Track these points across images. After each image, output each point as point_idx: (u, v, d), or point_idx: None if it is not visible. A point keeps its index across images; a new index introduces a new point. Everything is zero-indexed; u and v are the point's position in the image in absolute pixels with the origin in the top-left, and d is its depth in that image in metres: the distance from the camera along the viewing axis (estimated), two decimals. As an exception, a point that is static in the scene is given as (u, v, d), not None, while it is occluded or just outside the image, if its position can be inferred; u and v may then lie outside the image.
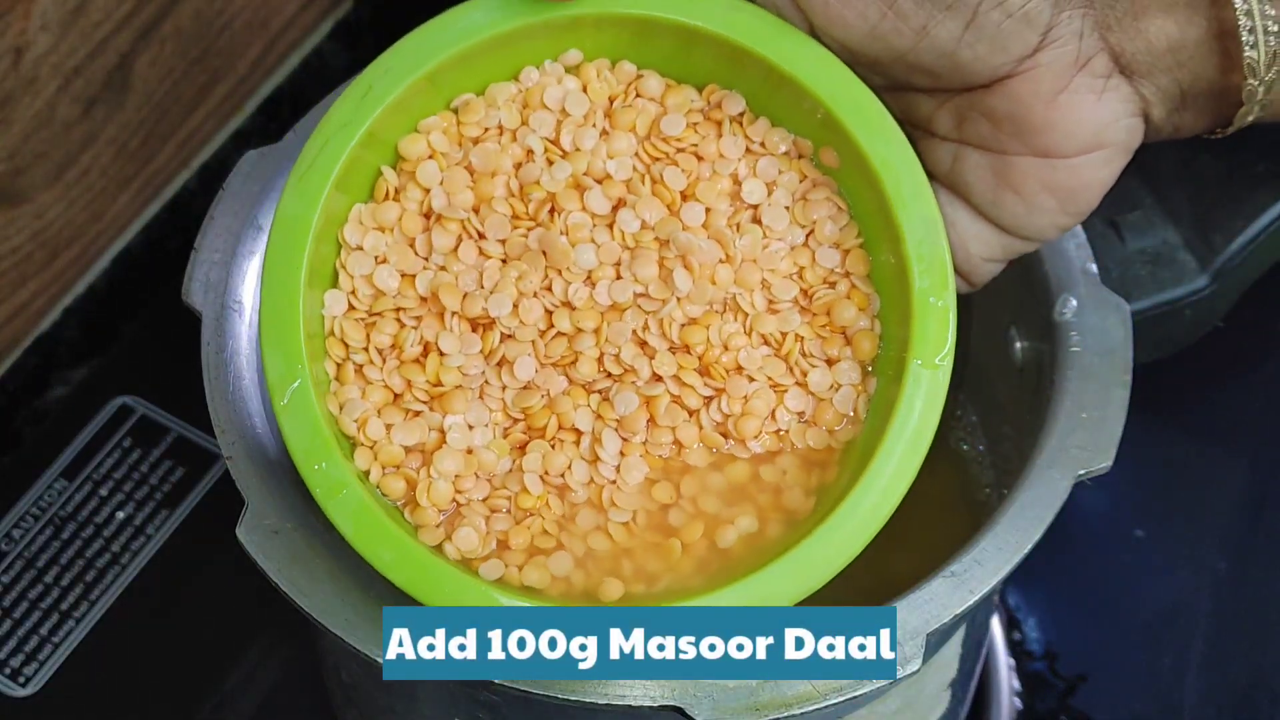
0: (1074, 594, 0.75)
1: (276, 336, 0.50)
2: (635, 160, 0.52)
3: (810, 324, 0.52)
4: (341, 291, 0.52)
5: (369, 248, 0.52)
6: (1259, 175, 0.74)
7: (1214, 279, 0.74)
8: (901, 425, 0.50)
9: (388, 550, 0.49)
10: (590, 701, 0.50)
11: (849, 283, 0.52)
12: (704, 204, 0.52)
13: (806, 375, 0.52)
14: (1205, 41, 0.49)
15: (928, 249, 0.50)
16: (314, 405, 0.50)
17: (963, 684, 0.64)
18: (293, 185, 0.51)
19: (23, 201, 0.75)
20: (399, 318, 0.52)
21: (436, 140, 0.52)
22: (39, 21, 0.71)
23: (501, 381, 0.51)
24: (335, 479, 0.49)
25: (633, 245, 0.52)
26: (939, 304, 0.50)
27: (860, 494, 0.49)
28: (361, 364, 0.51)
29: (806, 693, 0.51)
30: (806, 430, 0.52)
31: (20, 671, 0.72)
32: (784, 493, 0.52)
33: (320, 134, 0.51)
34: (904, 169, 0.51)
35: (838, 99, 0.51)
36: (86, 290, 0.80)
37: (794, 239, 0.52)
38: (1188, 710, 0.72)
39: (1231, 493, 0.78)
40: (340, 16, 0.88)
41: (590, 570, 0.51)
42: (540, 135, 0.52)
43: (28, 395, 0.79)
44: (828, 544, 0.49)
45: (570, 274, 0.51)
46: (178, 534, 0.75)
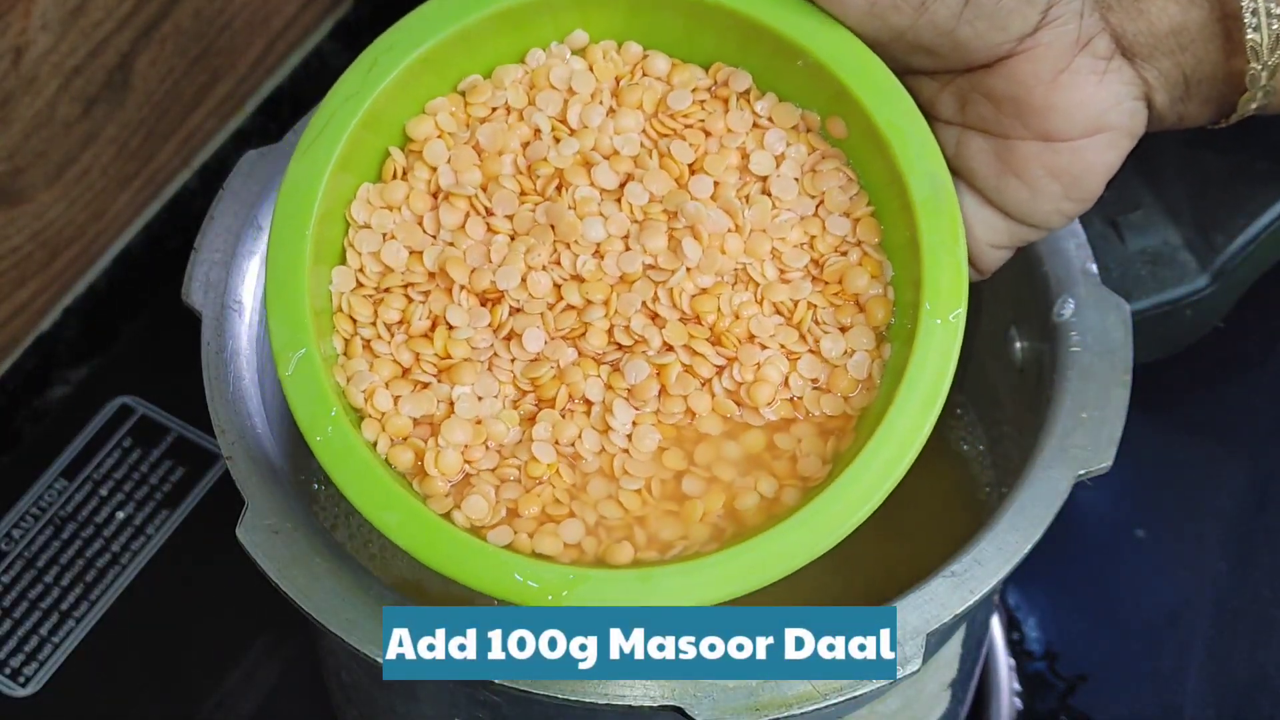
0: (1074, 594, 0.75)
1: (281, 307, 0.50)
2: (642, 136, 0.52)
3: (822, 292, 0.52)
4: (349, 268, 0.52)
5: (376, 225, 0.52)
6: (1260, 174, 0.74)
7: (1214, 279, 0.74)
8: (914, 381, 0.49)
9: (393, 513, 0.48)
10: (590, 701, 0.50)
11: (860, 250, 0.52)
12: (712, 176, 0.52)
13: (819, 342, 0.51)
14: (1208, 24, 0.49)
15: (936, 204, 0.50)
16: (320, 373, 0.49)
17: (963, 684, 0.64)
18: (297, 159, 0.51)
19: (23, 201, 0.75)
20: (407, 293, 0.52)
21: (444, 120, 0.52)
22: (39, 21, 0.71)
23: (510, 354, 0.51)
24: (341, 445, 0.49)
25: (641, 218, 0.52)
26: (949, 259, 0.50)
27: (873, 451, 0.49)
28: (369, 339, 0.51)
29: (806, 693, 0.51)
30: (821, 397, 0.51)
31: (20, 671, 0.72)
32: (800, 460, 0.51)
33: (324, 109, 0.51)
34: (911, 129, 0.50)
35: (847, 67, 0.51)
36: (86, 290, 0.80)
37: (804, 209, 0.52)
38: (1188, 710, 0.72)
39: (1231, 493, 0.78)
40: (340, 16, 0.88)
41: (602, 538, 0.50)
42: (547, 114, 0.52)
43: (28, 395, 0.79)
44: (841, 501, 0.48)
45: (578, 246, 0.51)
46: (178, 534, 0.75)
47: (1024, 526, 0.54)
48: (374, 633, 0.51)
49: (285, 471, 0.55)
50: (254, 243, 0.59)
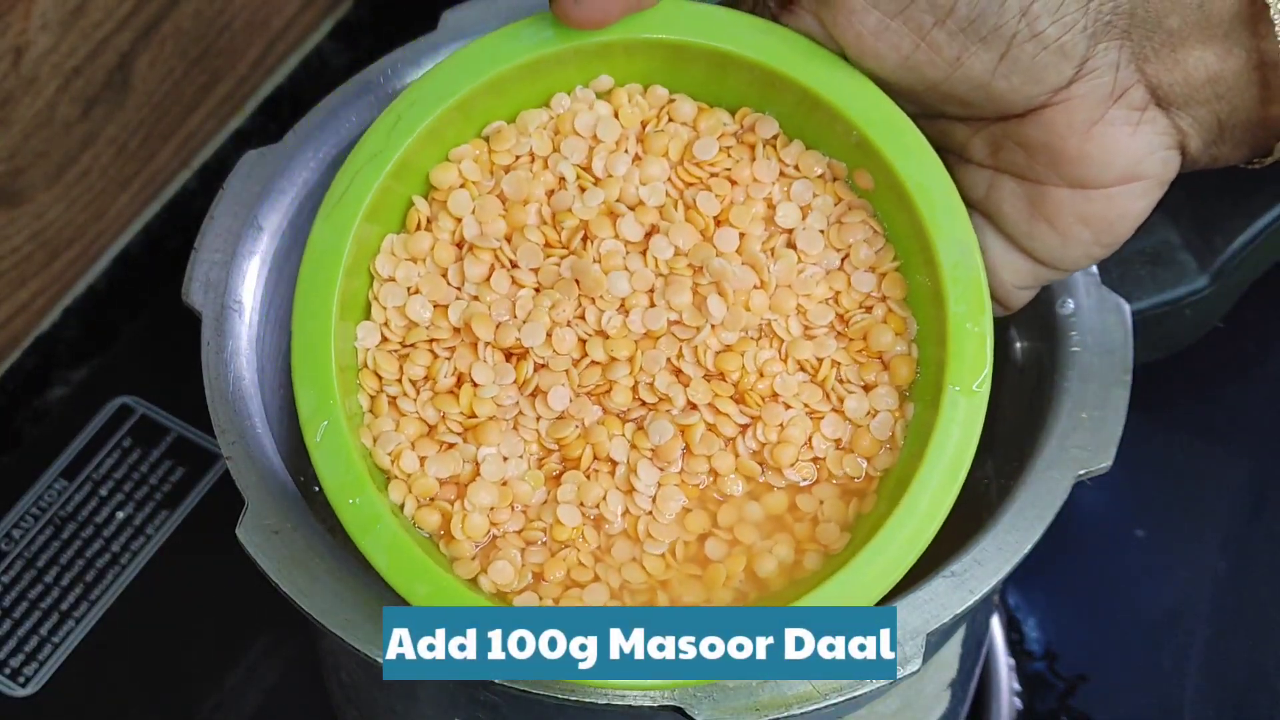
0: (1074, 594, 0.75)
1: (309, 372, 0.50)
2: (668, 185, 0.52)
3: (847, 349, 0.52)
4: (374, 323, 0.52)
5: (401, 279, 0.52)
6: (1259, 175, 0.74)
7: (1214, 279, 0.74)
8: (938, 452, 0.49)
9: (423, 585, 0.49)
10: (590, 701, 0.50)
11: (885, 307, 0.52)
12: (738, 229, 0.52)
13: (843, 401, 0.51)
14: (1244, 73, 0.48)
15: (963, 272, 0.50)
16: (347, 440, 0.49)
17: (963, 684, 0.64)
18: (323, 218, 0.51)
19: (23, 201, 0.75)
20: (432, 349, 0.51)
21: (468, 169, 0.52)
22: (39, 21, 0.71)
23: (535, 412, 0.51)
24: (369, 513, 0.49)
25: (666, 272, 0.51)
26: (975, 329, 0.50)
27: (897, 523, 0.49)
28: (395, 396, 0.51)
29: (806, 693, 0.51)
30: (843, 458, 0.51)
31: (20, 671, 0.72)
32: (820, 525, 0.51)
33: (350, 165, 0.51)
34: (938, 192, 0.50)
35: (871, 121, 0.50)
36: (86, 290, 0.80)
37: (829, 263, 0.52)
38: (1188, 710, 0.72)
39: (1231, 493, 0.78)
40: (340, 16, 0.88)
41: (626, 602, 0.51)
42: (572, 162, 0.52)
43: (28, 395, 0.79)
44: (865, 573, 0.48)
45: (604, 302, 0.51)
46: (178, 534, 0.75)
47: (1024, 526, 0.54)
48: (374, 633, 0.51)
49: (285, 472, 0.55)
50: (254, 243, 0.59)
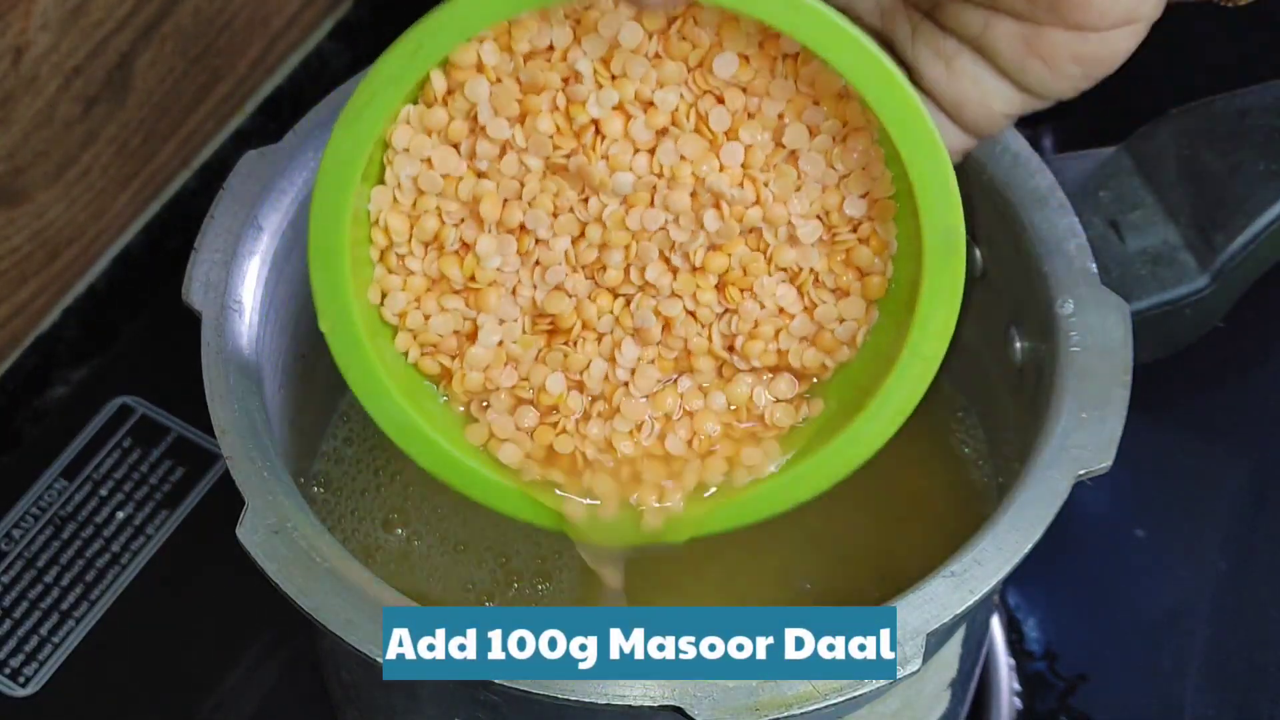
0: (1074, 594, 0.75)
1: (325, 273, 0.53)
2: (683, 89, 0.52)
3: (827, 256, 0.54)
4: (387, 188, 0.53)
5: (415, 150, 0.53)
6: (1260, 175, 0.74)
7: (1214, 279, 0.74)
8: (884, 399, 0.53)
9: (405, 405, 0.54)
10: (590, 701, 0.50)
11: (871, 227, 0.53)
12: (743, 143, 0.53)
13: (816, 308, 0.54)
14: None
15: (946, 253, 0.52)
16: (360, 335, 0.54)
17: (963, 684, 0.64)
18: (343, 125, 0.52)
19: (23, 201, 0.75)
20: (440, 217, 0.53)
21: (487, 52, 0.52)
22: (39, 21, 0.71)
23: (533, 281, 0.54)
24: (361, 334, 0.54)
25: (669, 176, 0.53)
26: (945, 310, 0.52)
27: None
28: (403, 255, 0.54)
29: (806, 693, 0.51)
30: (805, 351, 0.54)
31: (20, 671, 0.72)
32: (769, 412, 0.55)
33: (369, 84, 0.51)
34: (933, 167, 0.51)
35: (865, 80, 0.51)
36: (86, 290, 0.80)
37: (827, 180, 0.53)
38: (1188, 710, 0.72)
39: (1231, 493, 0.78)
40: (340, 16, 0.88)
41: (593, 464, 0.55)
42: (590, 58, 0.52)
43: (28, 395, 0.79)
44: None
45: (606, 196, 0.53)
46: (178, 534, 0.75)
47: (1024, 526, 0.53)
48: (374, 633, 0.51)
49: (285, 471, 0.55)
50: (254, 243, 0.59)
